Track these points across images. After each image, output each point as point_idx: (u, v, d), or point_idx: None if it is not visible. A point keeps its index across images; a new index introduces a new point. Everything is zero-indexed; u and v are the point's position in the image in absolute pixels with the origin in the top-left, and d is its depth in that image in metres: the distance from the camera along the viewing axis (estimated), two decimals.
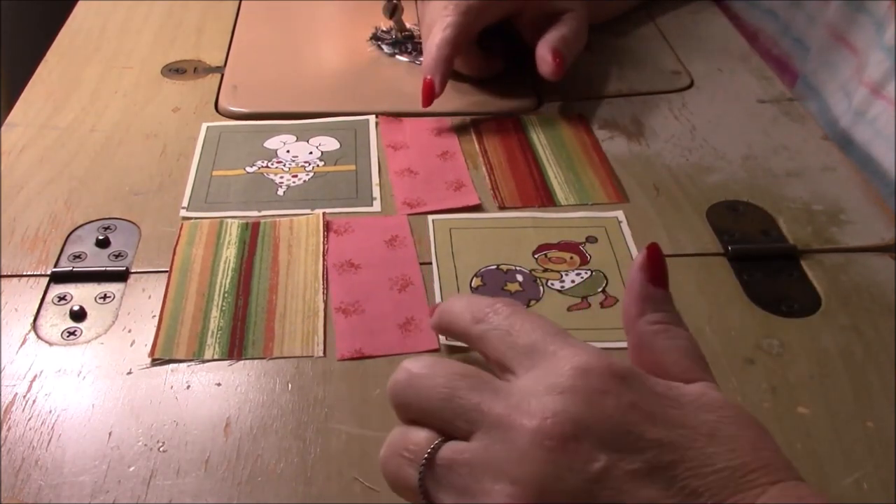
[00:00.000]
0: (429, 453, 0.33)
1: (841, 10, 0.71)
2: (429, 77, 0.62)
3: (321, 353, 0.45)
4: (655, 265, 0.37)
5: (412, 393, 0.35)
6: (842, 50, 0.72)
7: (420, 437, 0.34)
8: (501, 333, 0.36)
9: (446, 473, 0.33)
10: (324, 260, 0.51)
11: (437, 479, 0.33)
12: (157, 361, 0.45)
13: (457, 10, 0.62)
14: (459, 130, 0.64)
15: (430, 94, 0.62)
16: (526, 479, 0.31)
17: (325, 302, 0.48)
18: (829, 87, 0.73)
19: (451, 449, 0.33)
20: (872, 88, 0.66)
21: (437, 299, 0.49)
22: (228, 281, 0.50)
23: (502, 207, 0.56)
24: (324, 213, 0.55)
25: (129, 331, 0.47)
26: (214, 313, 0.48)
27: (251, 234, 0.53)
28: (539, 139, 0.62)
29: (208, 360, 0.45)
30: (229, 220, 0.54)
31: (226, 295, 0.49)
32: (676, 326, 0.36)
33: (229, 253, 0.52)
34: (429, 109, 0.62)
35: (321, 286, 0.49)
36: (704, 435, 0.31)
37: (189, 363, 0.45)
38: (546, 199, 0.57)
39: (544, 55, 0.63)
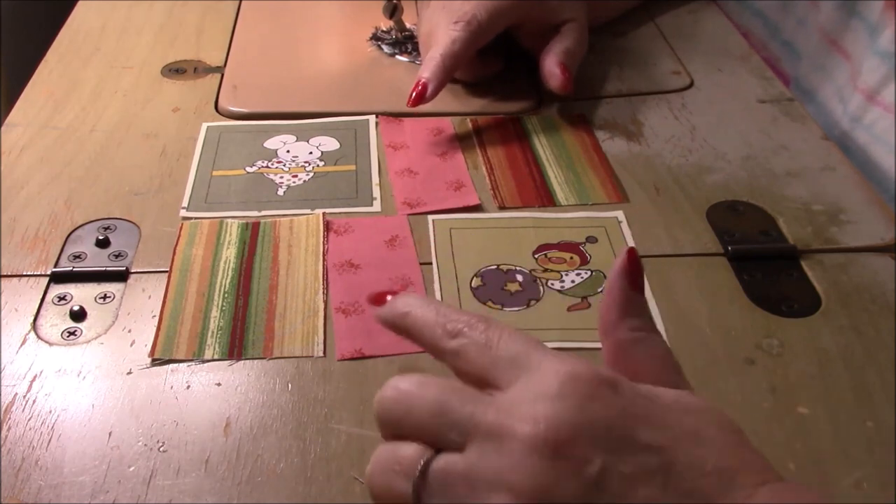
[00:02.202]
0: (423, 464, 0.33)
1: (833, 15, 0.71)
2: (425, 80, 0.61)
3: (321, 353, 0.45)
4: (635, 270, 0.36)
5: (401, 409, 0.34)
6: (834, 55, 0.71)
7: (411, 450, 0.33)
8: (480, 347, 0.35)
9: (440, 486, 0.32)
10: (324, 260, 0.51)
11: (431, 492, 0.32)
12: (156, 361, 0.45)
13: (467, 27, 0.62)
14: (459, 130, 0.64)
15: (421, 97, 0.61)
16: (524, 487, 0.30)
17: (325, 302, 0.48)
18: (822, 91, 0.73)
19: (445, 461, 0.33)
20: (868, 95, 0.66)
21: (438, 299, 0.49)
22: (228, 281, 0.50)
23: (502, 207, 0.56)
24: (324, 213, 0.55)
25: (129, 331, 0.47)
26: (214, 313, 0.48)
27: (251, 235, 0.53)
28: (539, 139, 0.62)
29: (208, 360, 0.45)
30: (229, 221, 0.54)
31: (226, 295, 0.49)
32: (654, 334, 0.36)
33: (229, 253, 0.52)
34: (428, 109, 0.62)
35: (321, 286, 0.49)
36: (690, 438, 0.31)
37: (189, 363, 0.45)
38: (546, 199, 0.57)
39: (552, 70, 0.63)
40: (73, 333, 0.46)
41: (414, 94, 0.61)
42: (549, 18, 0.66)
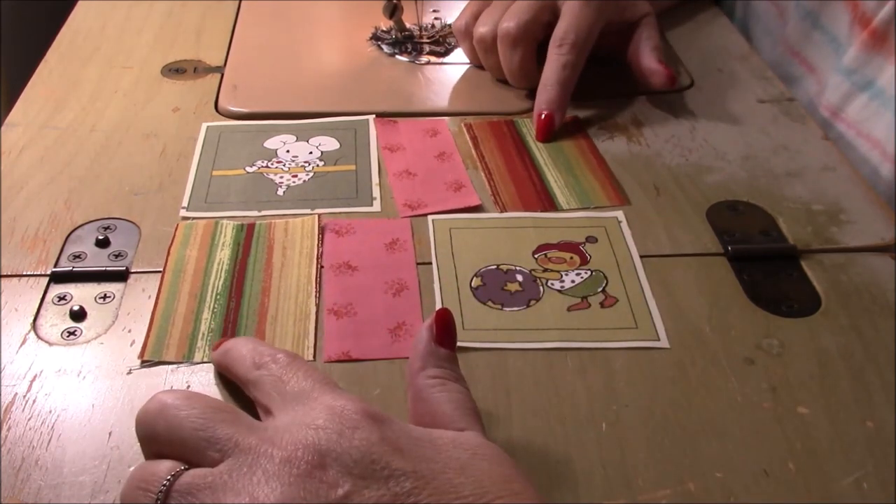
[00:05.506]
0: (168, 480, 0.33)
1: (797, 27, 0.71)
2: (549, 112, 0.62)
3: (311, 357, 0.45)
4: (443, 328, 0.39)
5: (163, 422, 0.35)
6: (799, 66, 0.72)
7: (162, 467, 0.34)
8: (275, 380, 0.37)
9: (184, 499, 0.32)
10: (317, 263, 0.51)
11: None
12: (146, 363, 0.45)
13: (574, 49, 0.62)
14: (454, 132, 0.63)
15: (550, 129, 0.62)
16: (267, 498, 0.31)
17: (318, 305, 0.48)
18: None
19: (193, 475, 0.33)
20: (832, 112, 0.66)
21: (437, 300, 0.49)
22: (221, 283, 0.50)
23: (503, 212, 0.56)
24: (319, 216, 0.54)
25: (129, 331, 0.47)
26: (206, 315, 0.47)
27: (246, 236, 0.53)
28: (535, 142, 0.62)
29: (198, 363, 0.45)
30: (224, 222, 0.54)
31: (218, 297, 0.49)
32: (452, 382, 0.38)
33: (223, 255, 0.52)
34: (422, 109, 0.62)
35: (314, 289, 0.49)
36: (454, 469, 0.33)
37: (188, 363, 0.45)
38: (548, 203, 0.56)
39: (655, 68, 0.65)
40: (73, 333, 0.46)
41: (541, 128, 0.62)
42: (629, 17, 0.67)
